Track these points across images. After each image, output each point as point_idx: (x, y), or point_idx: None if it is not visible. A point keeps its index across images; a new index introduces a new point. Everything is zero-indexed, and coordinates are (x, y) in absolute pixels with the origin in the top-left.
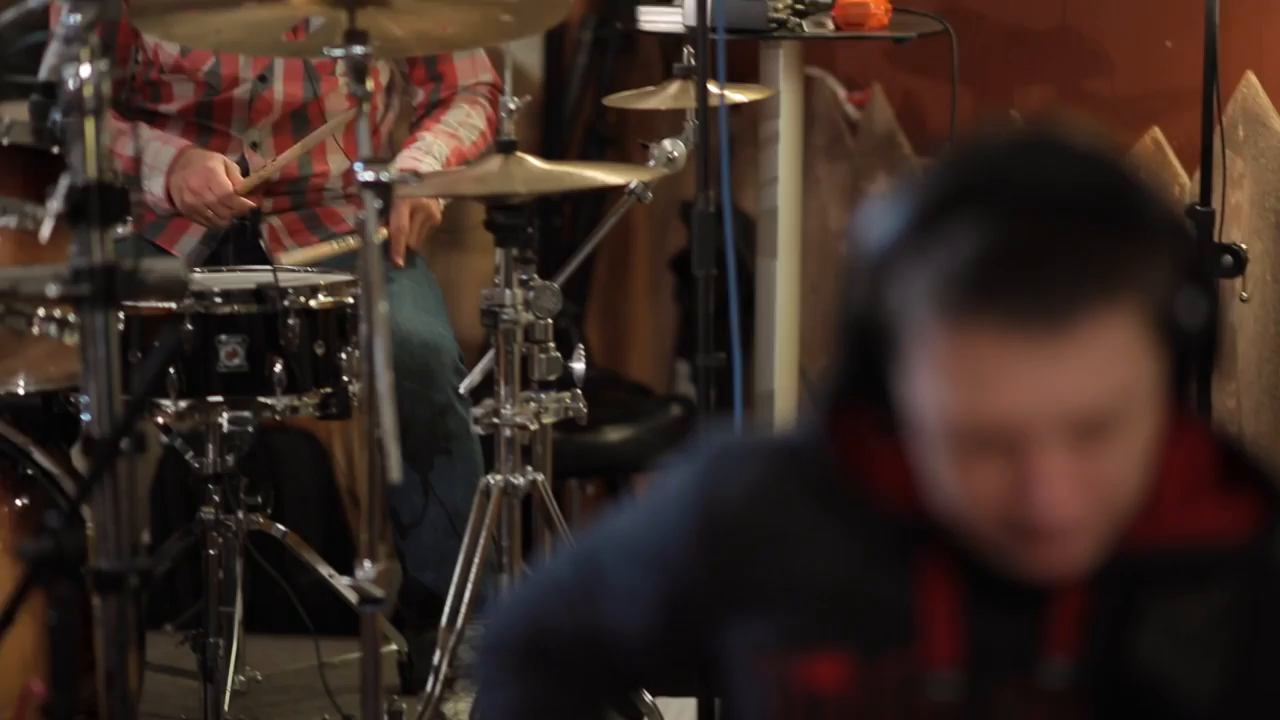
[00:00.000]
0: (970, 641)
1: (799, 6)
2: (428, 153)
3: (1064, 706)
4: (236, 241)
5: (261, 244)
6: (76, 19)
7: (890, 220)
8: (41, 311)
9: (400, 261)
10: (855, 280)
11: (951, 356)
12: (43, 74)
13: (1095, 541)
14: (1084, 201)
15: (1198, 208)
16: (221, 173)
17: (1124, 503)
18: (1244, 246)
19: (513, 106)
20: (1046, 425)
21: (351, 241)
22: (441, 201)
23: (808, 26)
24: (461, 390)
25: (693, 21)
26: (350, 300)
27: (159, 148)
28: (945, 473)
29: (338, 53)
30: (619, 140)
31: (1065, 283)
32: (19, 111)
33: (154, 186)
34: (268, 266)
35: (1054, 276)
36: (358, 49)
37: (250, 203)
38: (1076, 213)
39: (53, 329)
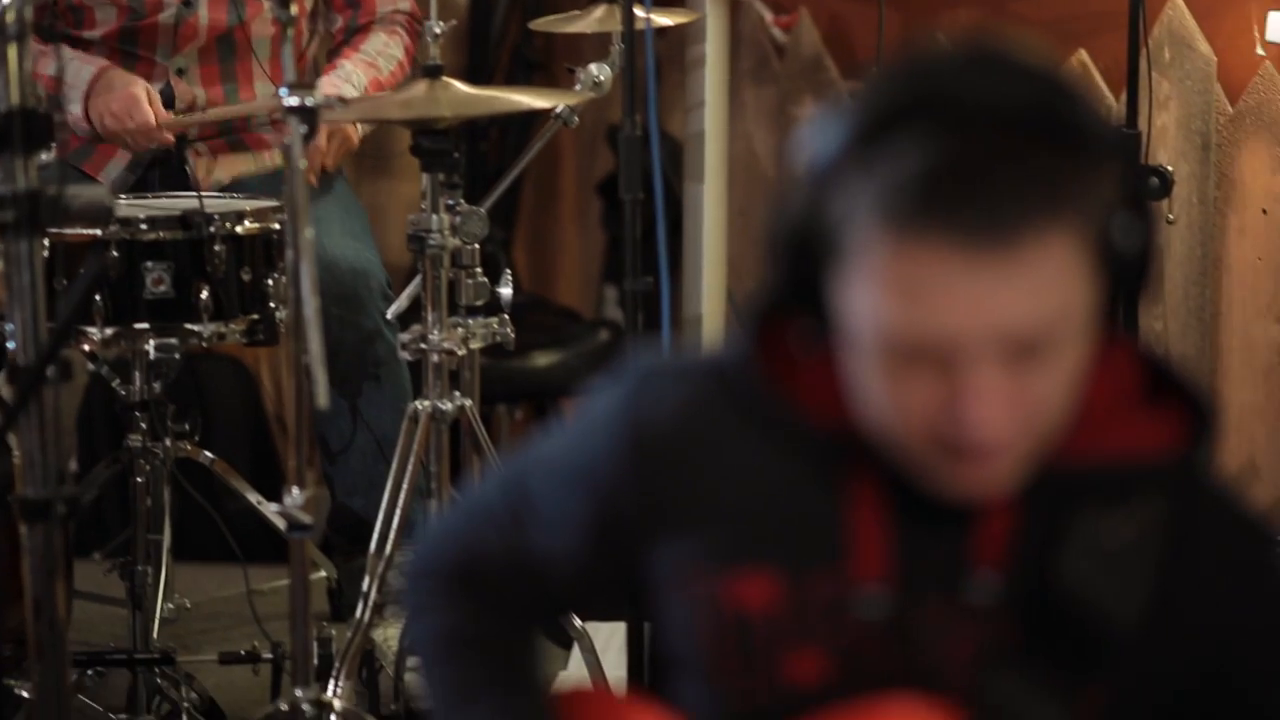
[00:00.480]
0: (898, 559)
1: None
2: (347, 80)
3: (991, 623)
4: (162, 168)
5: (188, 170)
6: None
7: (836, 132)
8: None
9: (315, 181)
10: (797, 190)
11: (893, 269)
12: None
13: (1021, 463)
14: (1032, 118)
15: (1124, 130)
16: (144, 101)
17: (1051, 425)
18: (1170, 169)
19: (438, 31)
20: (983, 342)
21: (277, 158)
22: (361, 127)
23: None
24: (389, 316)
25: None
26: (276, 226)
27: (79, 67)
28: (877, 387)
29: None
30: (545, 64)
31: (1013, 199)
32: None
33: (74, 107)
34: (194, 193)
35: (1002, 192)
36: None
37: (170, 137)
38: (1024, 129)
39: None
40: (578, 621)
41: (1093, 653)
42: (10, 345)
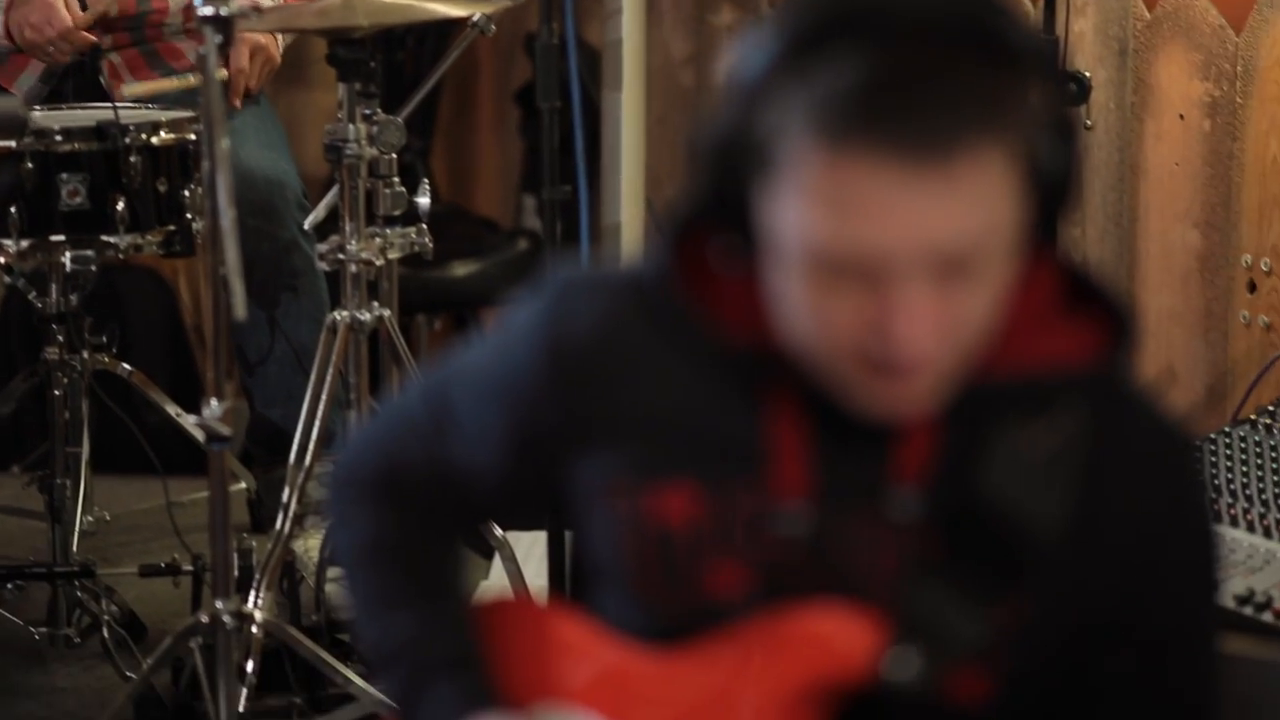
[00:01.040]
0: (818, 473)
1: None
2: None
3: (912, 537)
4: (76, 79)
5: (101, 81)
6: None
7: (766, 45)
8: None
9: (239, 104)
10: (724, 103)
11: (825, 181)
12: None
13: (943, 381)
14: (962, 31)
15: (1043, 36)
16: (61, 7)
17: (976, 342)
18: (1088, 75)
19: None
20: (913, 258)
21: (192, 79)
22: (281, 43)
23: None
24: (306, 226)
25: None
26: (192, 137)
27: None
28: (802, 302)
29: None
30: None
31: (950, 112)
32: None
33: None
34: (108, 104)
35: (939, 106)
36: None
37: (91, 37)
38: (959, 42)
39: None
40: (499, 531)
41: (1015, 564)
42: None
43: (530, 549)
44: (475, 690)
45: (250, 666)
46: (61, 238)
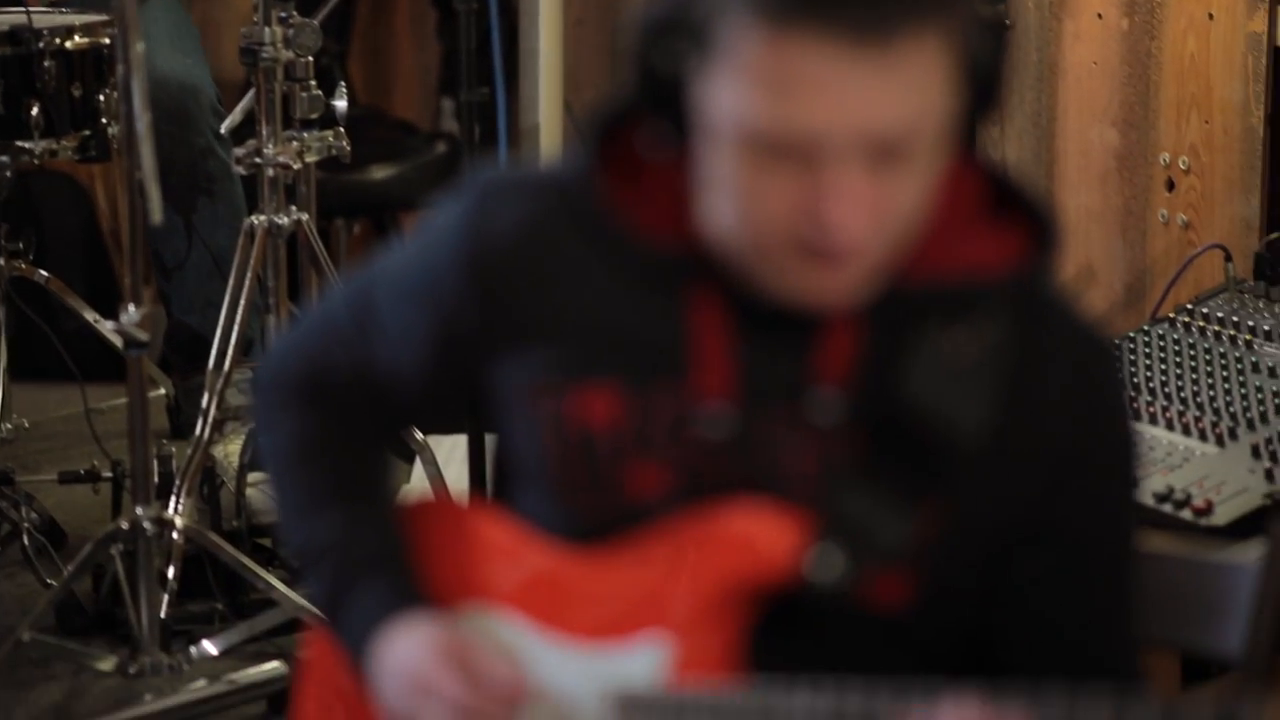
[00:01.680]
0: (741, 375)
1: None
2: None
3: (835, 440)
4: None
5: None
6: None
7: None
8: None
9: None
10: None
11: (766, 61)
12: None
13: (871, 270)
14: None
15: None
16: None
17: (903, 234)
18: None
19: None
20: (849, 141)
21: None
22: None
23: None
24: (222, 131)
25: None
26: (106, 41)
27: None
28: (735, 184)
29: None
30: None
31: None
32: None
33: None
34: (21, 8)
35: None
36: None
37: None
38: None
39: None
40: (420, 435)
41: (937, 467)
42: None
43: (451, 452)
44: (401, 591)
45: (171, 572)
46: None
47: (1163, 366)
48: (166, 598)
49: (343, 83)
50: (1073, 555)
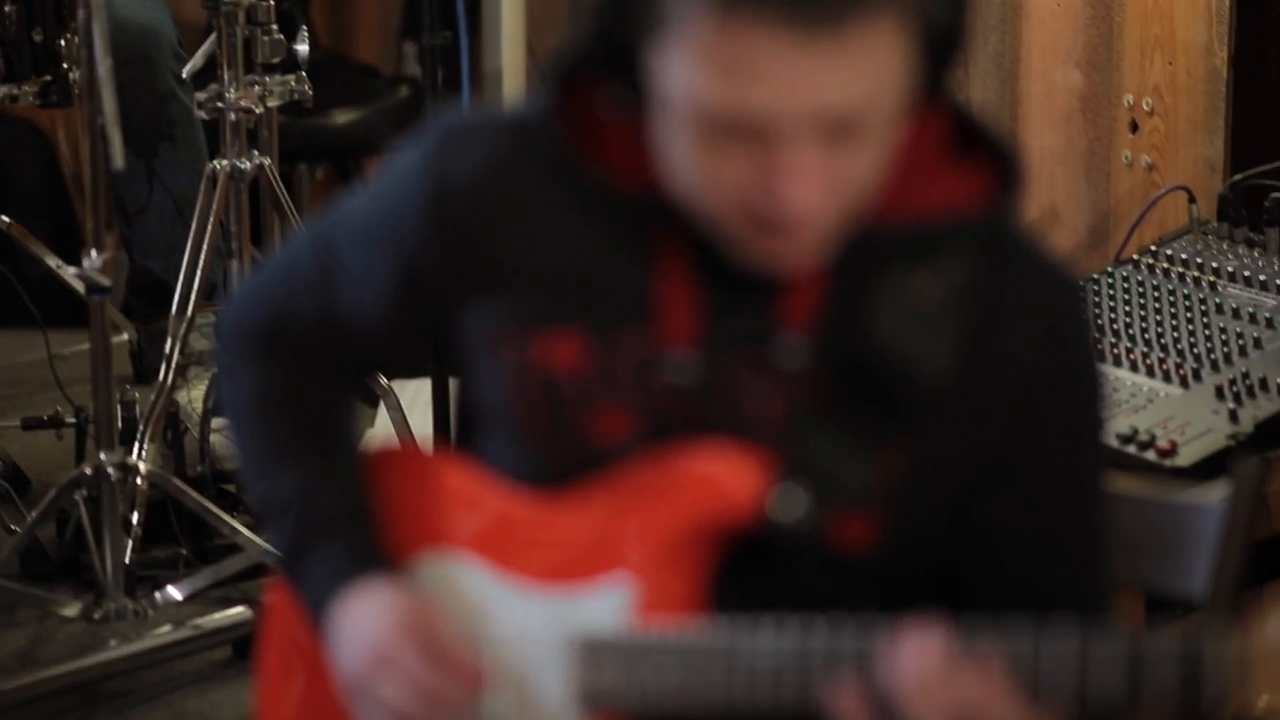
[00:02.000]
0: (706, 321)
1: None
2: None
3: (801, 385)
4: None
5: None
6: None
7: None
8: None
9: None
10: None
11: (716, 44)
12: None
13: (828, 237)
14: None
15: None
16: None
17: (861, 200)
18: None
19: None
20: (802, 121)
21: None
22: None
23: None
24: (183, 75)
25: None
26: None
27: None
28: (689, 158)
29: None
30: None
31: None
32: None
33: None
34: None
35: None
36: None
37: None
38: None
39: None
40: (384, 380)
41: (902, 410)
42: None
43: (415, 397)
44: (362, 552)
45: (135, 518)
46: None
47: (1127, 308)
48: (131, 543)
49: (304, 27)
50: (1039, 495)
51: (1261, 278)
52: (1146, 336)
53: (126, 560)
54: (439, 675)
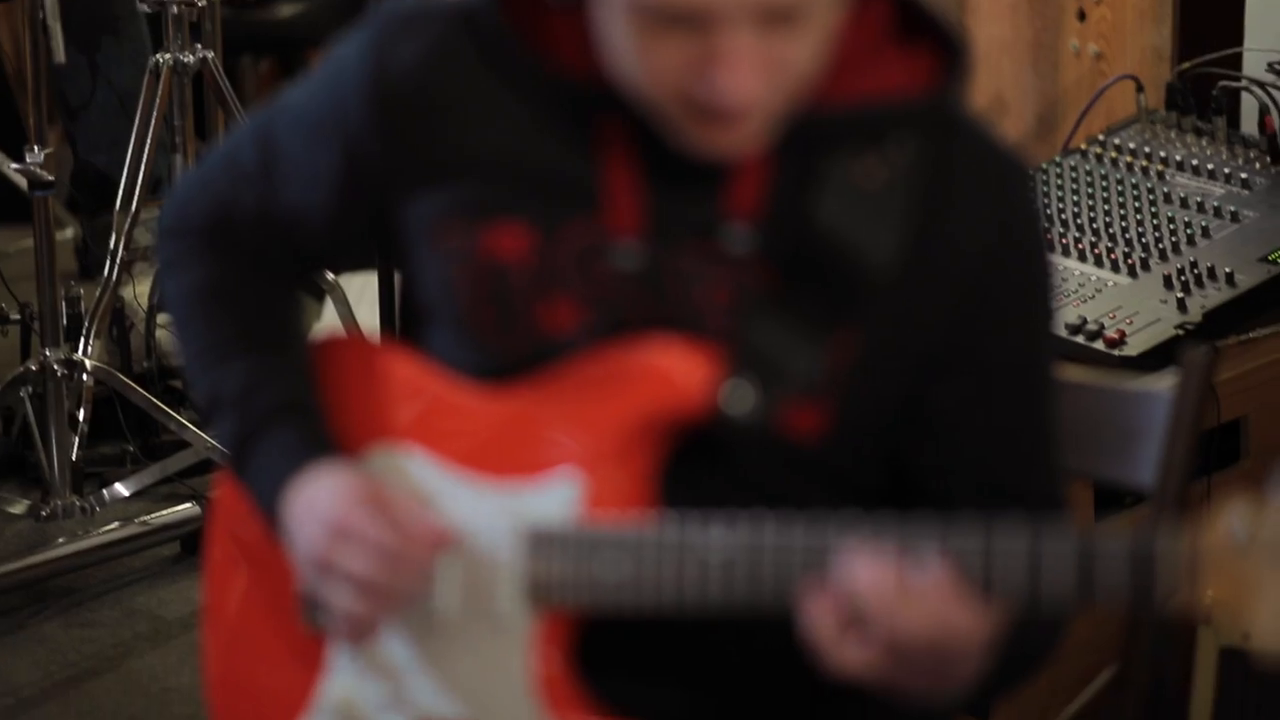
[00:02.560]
0: (651, 209)
1: None
2: None
3: (746, 271)
4: None
5: None
6: None
7: None
8: None
9: None
10: None
11: None
12: None
13: (770, 122)
14: None
15: None
16: None
17: (803, 85)
18: None
19: None
20: (738, 9)
21: None
22: None
23: None
24: None
25: None
26: None
27: None
28: (629, 48)
29: None
30: None
31: None
32: None
33: None
34: None
35: None
36: None
37: None
38: None
39: None
40: (330, 274)
41: (849, 297)
42: None
43: (362, 291)
44: (309, 440)
45: (82, 415)
46: None
47: (1075, 198)
48: (77, 440)
49: None
50: (990, 385)
51: (1209, 166)
52: (1095, 226)
53: (73, 457)
54: (399, 538)
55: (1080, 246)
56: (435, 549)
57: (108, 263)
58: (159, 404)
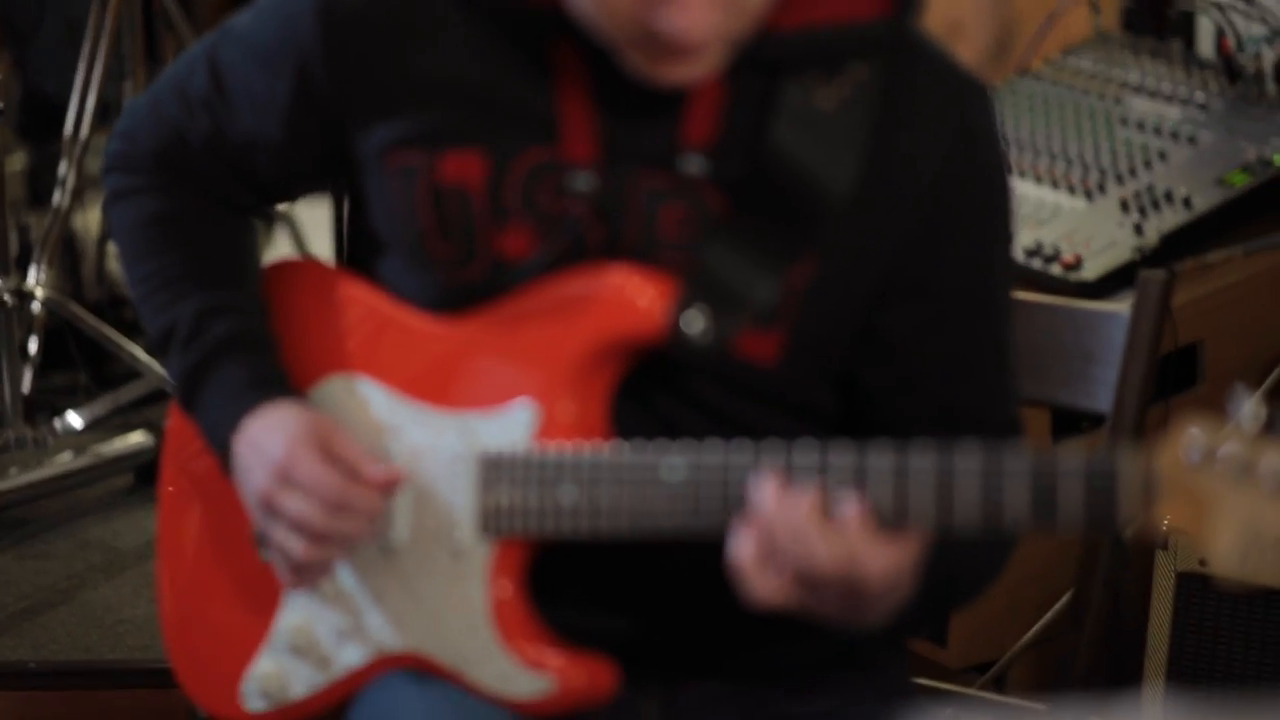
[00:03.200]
0: (607, 137)
1: None
2: None
3: (702, 197)
4: None
5: None
6: None
7: None
8: None
9: None
10: None
11: None
12: None
13: (724, 50)
14: None
15: None
16: None
17: (757, 13)
18: None
19: None
20: None
21: None
22: None
23: None
24: None
25: None
26: None
27: None
28: None
29: None
30: None
31: None
32: None
33: None
34: None
35: None
36: None
37: None
38: None
39: None
40: (281, 205)
41: (804, 222)
42: None
43: (315, 221)
44: (260, 373)
45: (33, 345)
46: None
47: (1030, 120)
48: (29, 371)
49: None
50: (946, 306)
51: (1166, 89)
52: (1051, 149)
53: (25, 388)
54: (344, 484)
55: (1036, 170)
56: (382, 494)
57: (58, 190)
58: (111, 333)
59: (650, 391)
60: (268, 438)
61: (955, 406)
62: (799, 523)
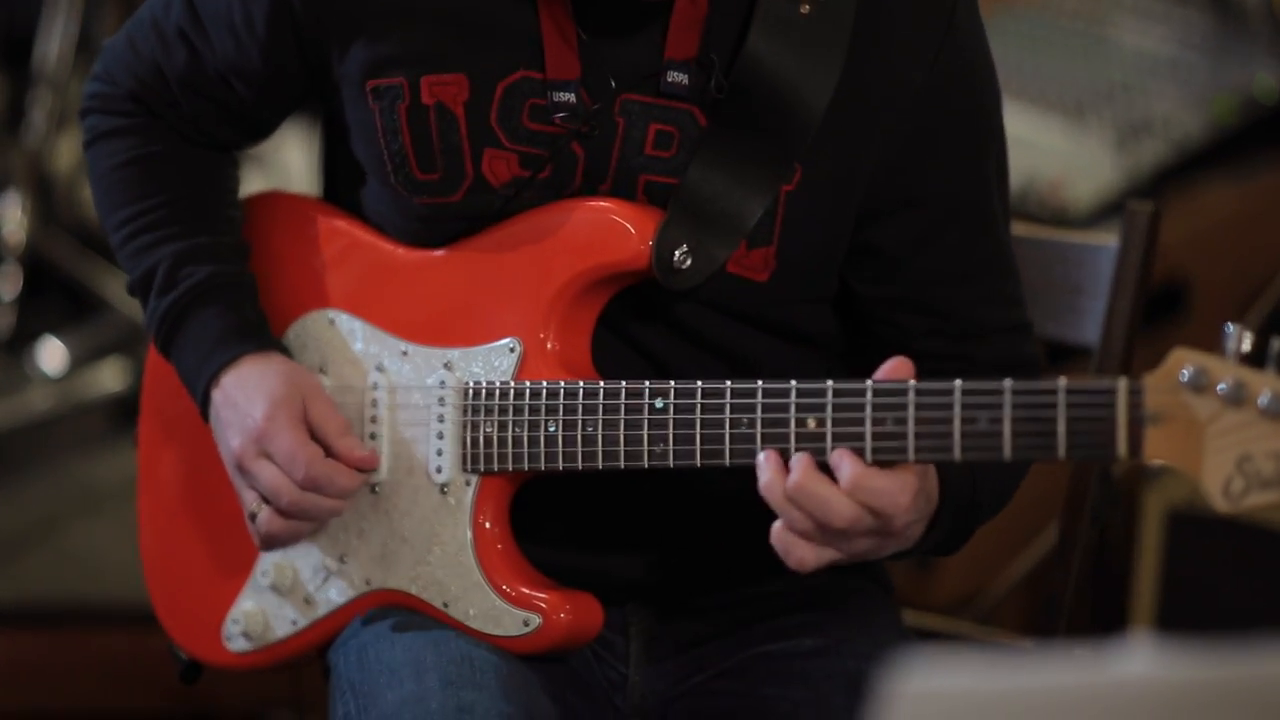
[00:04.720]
0: (590, 53)
1: None
2: None
3: (686, 114)
4: None
5: None
6: None
7: None
8: None
9: None
10: None
11: None
12: None
13: None
14: None
15: None
16: None
17: None
18: None
19: None
20: None
21: None
22: None
23: None
24: None
25: None
26: None
27: None
28: None
29: None
30: None
31: None
32: None
33: None
34: None
35: None
36: None
37: None
38: None
39: None
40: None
41: (789, 134)
42: None
43: (294, 154)
44: (238, 320)
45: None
46: None
47: (1016, 49)
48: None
49: None
50: (942, 214)
51: (1153, 17)
52: (1037, 78)
53: (1, 325)
54: (319, 462)
55: (1022, 99)
56: (356, 474)
57: (34, 122)
58: (88, 272)
59: (635, 323)
60: (246, 397)
61: (958, 316)
62: (807, 491)
